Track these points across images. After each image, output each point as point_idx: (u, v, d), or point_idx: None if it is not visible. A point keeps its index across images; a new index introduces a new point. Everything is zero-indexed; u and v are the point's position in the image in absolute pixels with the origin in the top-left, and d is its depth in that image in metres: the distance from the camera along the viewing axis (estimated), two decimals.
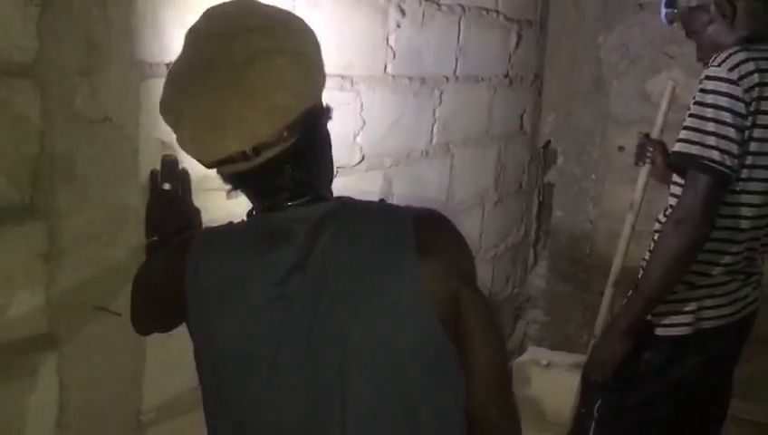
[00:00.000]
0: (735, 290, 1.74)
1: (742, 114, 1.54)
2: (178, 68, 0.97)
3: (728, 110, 1.54)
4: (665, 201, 1.75)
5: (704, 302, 1.71)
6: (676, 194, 1.65)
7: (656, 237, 1.71)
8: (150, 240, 1.31)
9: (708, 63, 1.60)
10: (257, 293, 0.97)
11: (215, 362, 1.01)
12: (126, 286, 1.21)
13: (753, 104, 1.55)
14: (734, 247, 1.67)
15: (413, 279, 0.92)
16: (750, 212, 1.65)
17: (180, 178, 1.36)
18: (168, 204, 1.33)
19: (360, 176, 2.00)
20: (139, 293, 1.16)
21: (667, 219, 1.62)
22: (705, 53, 1.69)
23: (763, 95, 1.55)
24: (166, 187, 1.34)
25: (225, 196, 1.04)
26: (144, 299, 1.15)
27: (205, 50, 0.94)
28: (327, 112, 1.01)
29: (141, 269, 1.17)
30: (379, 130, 2.05)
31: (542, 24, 3.04)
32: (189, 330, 1.04)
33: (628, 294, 1.72)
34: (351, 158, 1.95)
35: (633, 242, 2.03)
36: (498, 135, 2.83)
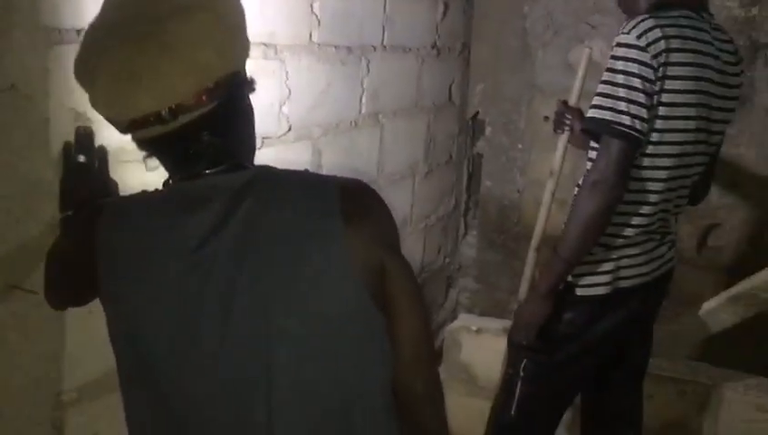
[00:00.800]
0: (652, 250, 1.81)
1: (650, 79, 1.60)
2: (95, 26, 0.93)
3: (637, 75, 1.59)
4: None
5: (621, 262, 1.77)
6: (593, 158, 1.70)
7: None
8: (65, 214, 1.26)
9: (619, 32, 1.64)
10: (170, 262, 0.94)
11: (129, 334, 0.98)
12: (40, 263, 1.16)
13: (661, 69, 1.60)
14: (647, 208, 1.73)
15: (340, 246, 0.91)
16: (662, 174, 1.70)
17: (95, 149, 1.31)
18: (84, 177, 1.29)
19: (288, 146, 1.97)
20: (51, 264, 1.12)
21: (582, 183, 1.67)
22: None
23: (669, 61, 1.61)
24: (81, 159, 1.29)
25: (144, 167, 1.01)
26: (56, 271, 1.11)
27: (125, 6, 0.91)
28: (250, 84, 0.99)
29: (54, 241, 1.13)
30: (307, 100, 2.03)
31: None
32: (102, 302, 1.01)
33: (548, 258, 1.77)
34: (278, 128, 1.92)
35: (557, 209, 2.08)
36: (427, 106, 2.84)
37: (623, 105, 1.59)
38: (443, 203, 3.15)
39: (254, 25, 1.03)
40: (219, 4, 0.92)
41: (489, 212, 3.28)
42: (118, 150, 1.38)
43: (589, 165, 1.75)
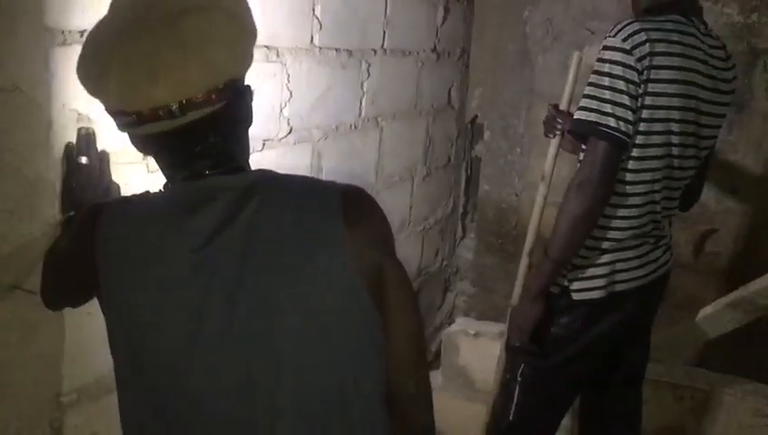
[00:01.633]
0: (646, 253, 1.82)
1: (635, 82, 1.62)
2: (103, 25, 0.94)
3: (622, 78, 1.61)
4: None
5: (616, 265, 1.79)
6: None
7: None
8: (67, 215, 1.26)
9: (606, 35, 1.66)
10: (172, 262, 0.94)
11: (129, 334, 0.98)
12: (41, 264, 1.16)
13: (645, 72, 1.62)
14: (635, 211, 1.74)
15: (341, 247, 0.93)
16: (648, 176, 1.72)
17: (97, 151, 1.31)
18: (86, 178, 1.28)
19: (289, 149, 1.97)
20: (49, 264, 1.12)
21: (569, 184, 1.69)
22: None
23: (653, 64, 1.62)
24: (82, 160, 1.29)
25: (146, 168, 1.01)
26: (55, 271, 1.11)
27: (135, 5, 0.92)
28: (251, 93, 1.01)
29: (54, 241, 1.13)
30: (307, 103, 2.03)
31: None
32: (101, 303, 1.01)
33: (538, 259, 1.79)
34: (279, 130, 1.92)
35: (551, 212, 2.08)
36: (426, 109, 2.84)
37: (608, 107, 1.61)
38: (441, 206, 3.16)
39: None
40: (234, 5, 0.94)
41: (487, 215, 3.29)
42: (119, 152, 1.38)
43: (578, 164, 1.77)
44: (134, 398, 1.02)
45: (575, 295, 1.79)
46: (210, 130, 0.94)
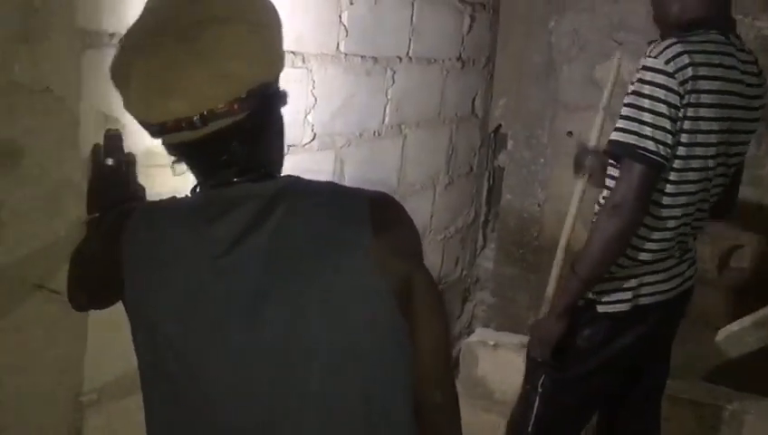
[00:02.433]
0: (671, 267, 1.81)
1: (676, 106, 1.60)
2: (134, 30, 0.94)
3: (664, 101, 1.59)
4: None
5: (642, 279, 1.78)
6: (614, 176, 1.69)
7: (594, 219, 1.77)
8: (92, 216, 1.27)
9: (646, 55, 1.63)
10: (195, 267, 0.94)
11: (152, 337, 0.98)
12: (65, 264, 1.17)
13: (687, 97, 1.60)
14: (668, 234, 1.74)
15: (369, 256, 0.92)
16: (683, 200, 1.71)
17: (124, 153, 1.32)
18: (111, 180, 1.29)
19: (312, 155, 1.97)
20: (76, 265, 1.13)
21: (602, 205, 1.68)
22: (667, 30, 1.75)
23: (696, 88, 1.61)
24: (109, 162, 1.30)
25: (172, 172, 1.01)
26: (81, 272, 1.12)
27: (161, 12, 0.92)
28: (283, 96, 0.99)
29: (81, 242, 1.14)
30: (331, 109, 2.03)
31: (494, 8, 3.04)
32: (125, 306, 1.01)
33: (566, 276, 1.77)
34: (303, 136, 1.93)
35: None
36: (450, 118, 2.83)
37: (648, 130, 1.59)
38: (462, 215, 3.14)
39: (283, 33, 1.03)
40: (256, 15, 0.93)
41: (508, 225, 3.27)
42: (146, 154, 1.39)
43: (608, 182, 1.76)
44: (158, 399, 1.02)
45: (600, 308, 1.78)
46: (235, 140, 0.93)
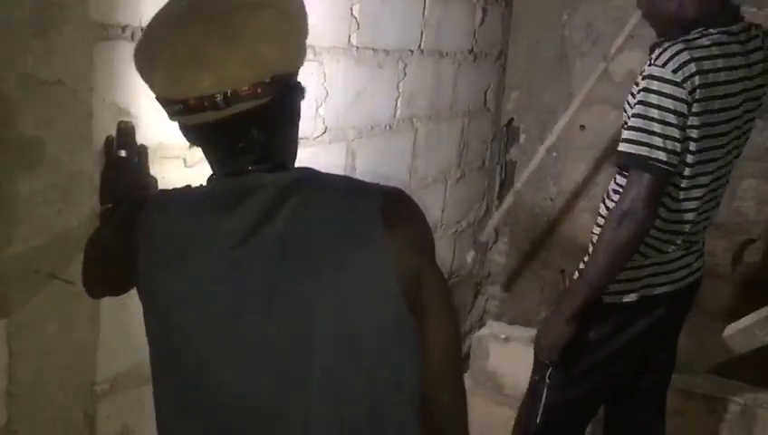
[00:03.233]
0: (679, 258, 1.82)
1: (684, 114, 1.60)
2: (161, 16, 0.95)
3: (672, 111, 1.59)
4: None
5: (651, 270, 1.79)
6: (622, 185, 1.70)
7: (599, 221, 1.78)
8: (105, 208, 1.28)
9: (651, 61, 1.62)
10: (209, 257, 0.95)
11: (165, 326, 0.99)
12: (78, 254, 1.18)
13: (694, 105, 1.60)
14: (678, 238, 1.76)
15: (380, 251, 0.92)
16: (694, 205, 1.73)
17: (137, 145, 1.33)
18: (124, 171, 1.31)
19: (324, 147, 1.98)
20: (91, 253, 1.14)
21: (611, 212, 1.68)
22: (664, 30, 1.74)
23: (704, 96, 1.61)
24: (121, 153, 1.31)
25: (183, 164, 1.02)
26: (96, 260, 1.13)
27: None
28: (302, 90, 1.00)
29: (94, 232, 1.15)
30: (343, 102, 2.03)
31: (507, 0, 3.03)
32: (139, 294, 1.02)
33: (572, 280, 1.78)
34: (314, 129, 1.93)
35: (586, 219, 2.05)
36: (462, 111, 2.83)
37: (659, 140, 1.60)
38: (474, 209, 3.14)
39: None
40: (287, 4, 0.94)
41: (520, 219, 3.26)
42: (158, 146, 1.40)
43: (614, 185, 1.77)
44: (168, 388, 1.03)
45: (608, 299, 1.78)
46: (254, 126, 0.94)
